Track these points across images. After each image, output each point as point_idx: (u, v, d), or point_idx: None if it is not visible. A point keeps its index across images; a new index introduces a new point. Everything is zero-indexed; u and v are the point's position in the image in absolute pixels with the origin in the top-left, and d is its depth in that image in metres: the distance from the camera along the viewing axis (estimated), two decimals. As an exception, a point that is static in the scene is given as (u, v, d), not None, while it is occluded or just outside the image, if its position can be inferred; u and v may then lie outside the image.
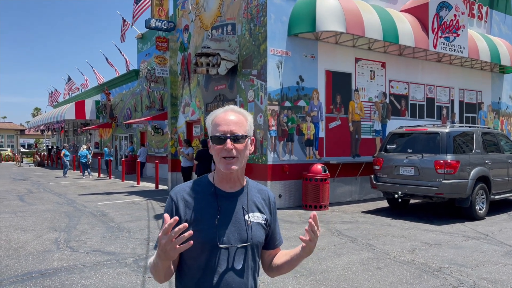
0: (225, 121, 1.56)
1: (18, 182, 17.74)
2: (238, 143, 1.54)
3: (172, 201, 1.61)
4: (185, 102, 14.22)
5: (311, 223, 1.54)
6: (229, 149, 1.52)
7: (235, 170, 1.56)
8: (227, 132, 1.54)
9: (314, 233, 1.55)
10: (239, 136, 1.54)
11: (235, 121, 1.56)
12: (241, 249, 1.58)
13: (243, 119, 1.59)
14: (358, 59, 11.72)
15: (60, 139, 37.41)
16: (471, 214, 8.56)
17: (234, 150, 1.53)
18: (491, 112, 15.67)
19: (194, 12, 13.43)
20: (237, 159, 1.55)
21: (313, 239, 1.57)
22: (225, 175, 1.60)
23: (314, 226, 1.54)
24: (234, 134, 1.54)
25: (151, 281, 4.80)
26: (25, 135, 67.24)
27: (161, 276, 1.54)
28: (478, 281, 4.84)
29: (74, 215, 9.22)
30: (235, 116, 1.58)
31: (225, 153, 1.53)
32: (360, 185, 11.63)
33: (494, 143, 9.70)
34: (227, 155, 1.53)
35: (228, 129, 1.54)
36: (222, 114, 1.59)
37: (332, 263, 5.50)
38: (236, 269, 1.56)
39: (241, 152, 1.55)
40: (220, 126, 1.55)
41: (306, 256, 1.65)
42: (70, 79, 34.74)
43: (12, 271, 5.20)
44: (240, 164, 1.57)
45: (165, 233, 1.35)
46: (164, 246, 1.36)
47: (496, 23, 15.82)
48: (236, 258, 1.56)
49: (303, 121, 10.65)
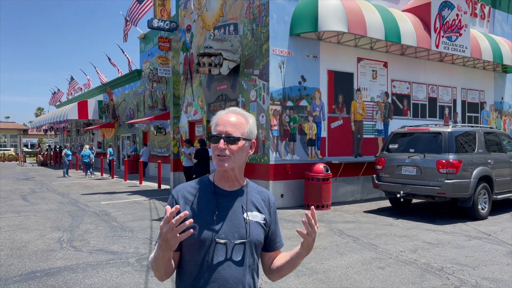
0: (223, 121, 1.62)
1: (21, 181, 17.81)
2: (232, 144, 1.59)
3: (173, 198, 1.67)
4: (187, 102, 14.25)
5: (308, 215, 1.57)
6: (221, 148, 1.58)
7: (227, 168, 1.61)
8: (223, 133, 1.60)
9: (312, 227, 1.58)
10: (234, 138, 1.59)
11: (233, 122, 1.62)
12: (239, 245, 1.60)
13: (243, 122, 1.64)
14: (360, 59, 11.72)
15: (63, 138, 37.51)
16: (473, 213, 8.56)
17: (227, 150, 1.59)
18: (493, 111, 15.64)
19: (196, 12, 13.46)
20: (229, 159, 1.60)
21: (310, 234, 1.59)
22: (223, 173, 1.66)
23: (311, 219, 1.57)
24: (228, 135, 1.59)
25: (154, 280, 4.82)
26: (28, 135, 67.45)
27: (161, 270, 1.57)
28: (480, 280, 4.85)
29: (77, 214, 9.26)
30: (235, 118, 1.63)
31: (218, 152, 1.60)
32: (362, 184, 11.63)
33: (496, 143, 9.69)
34: (220, 154, 1.60)
35: (224, 130, 1.60)
36: (224, 115, 1.65)
37: (334, 263, 5.51)
38: (234, 265, 1.58)
39: (234, 153, 1.60)
40: (218, 126, 1.62)
41: (306, 254, 1.67)
42: (73, 79, 34.83)
43: (16, 270, 5.23)
44: (232, 164, 1.61)
45: (166, 222, 1.41)
46: (165, 235, 1.42)
47: (499, 22, 15.79)
48: (233, 255, 1.59)
49: (305, 120, 10.66)
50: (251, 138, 1.66)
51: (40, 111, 75.80)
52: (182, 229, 1.40)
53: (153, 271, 1.61)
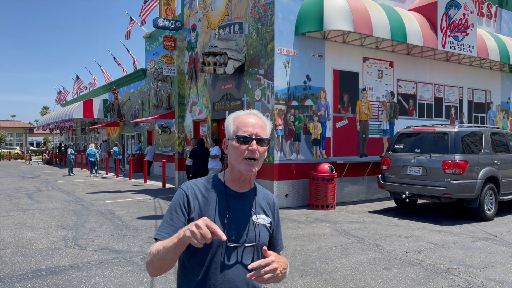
0: (251, 123, 1.60)
1: (27, 180, 17.91)
2: (261, 146, 1.58)
3: (183, 193, 1.62)
4: (192, 101, 14.26)
5: (254, 266, 1.43)
6: (254, 149, 1.56)
7: (254, 172, 1.61)
8: (253, 134, 1.58)
9: (265, 273, 1.43)
10: (264, 139, 1.59)
11: (260, 125, 1.62)
12: (249, 248, 1.60)
13: (264, 124, 1.64)
14: (365, 58, 11.67)
15: (68, 137, 37.70)
16: (479, 214, 8.49)
17: (257, 152, 1.57)
18: (500, 112, 15.52)
19: (201, 11, 13.46)
20: (258, 162, 1.59)
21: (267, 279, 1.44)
22: (240, 175, 1.63)
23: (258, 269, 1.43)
24: (259, 136, 1.58)
25: (159, 280, 4.82)
26: (34, 134, 67.89)
27: (163, 266, 1.49)
28: (487, 282, 4.80)
29: (82, 213, 9.29)
30: (259, 120, 1.63)
31: (249, 154, 1.57)
32: (367, 185, 11.58)
33: (503, 143, 9.62)
34: (251, 156, 1.57)
35: (254, 131, 1.58)
36: (247, 116, 1.63)
37: (339, 263, 5.49)
38: (242, 268, 1.57)
39: (262, 155, 1.60)
40: (246, 127, 1.59)
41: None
42: (78, 78, 34.96)
43: (21, 268, 5.25)
44: (258, 167, 1.61)
45: (209, 229, 1.34)
46: (196, 234, 1.33)
47: (506, 22, 15.67)
48: (243, 257, 1.58)
49: (310, 120, 10.63)
50: (269, 140, 1.66)
51: (45, 110, 76.18)
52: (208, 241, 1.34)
53: (150, 266, 1.52)
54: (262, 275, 1.42)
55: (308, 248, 6.25)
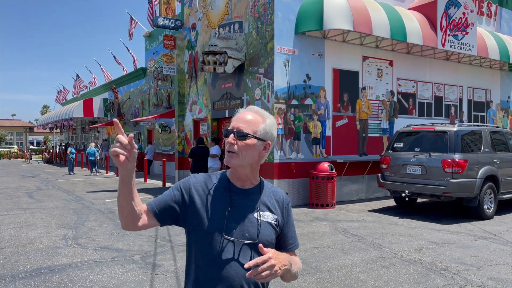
0: (238, 118, 1.63)
1: (27, 179, 17.92)
2: (241, 140, 1.58)
3: (189, 184, 1.66)
4: (192, 100, 14.27)
5: (250, 265, 1.43)
6: (230, 142, 1.59)
7: (234, 165, 1.62)
8: (234, 128, 1.60)
9: (262, 271, 1.43)
10: (243, 133, 1.58)
11: (247, 119, 1.61)
12: (247, 246, 1.59)
13: (259, 120, 1.63)
14: (365, 57, 11.67)
15: (69, 136, 37.70)
16: (479, 213, 8.51)
17: (235, 146, 1.58)
18: (500, 110, 15.53)
19: (201, 10, 13.46)
20: (237, 156, 1.59)
21: (265, 277, 1.44)
22: (234, 171, 1.66)
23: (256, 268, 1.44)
24: (239, 130, 1.59)
25: (159, 278, 4.84)
26: (34, 133, 67.89)
27: (124, 212, 1.52)
28: (486, 280, 4.82)
29: (82, 212, 9.31)
30: (251, 116, 1.63)
31: (227, 147, 1.61)
32: (367, 183, 11.60)
33: (502, 142, 9.62)
34: (228, 149, 1.61)
35: (236, 125, 1.60)
36: (241, 112, 1.66)
37: (339, 262, 5.51)
38: (241, 264, 1.55)
39: (242, 149, 1.59)
40: (232, 122, 1.63)
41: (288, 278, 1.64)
42: (78, 77, 34.96)
43: (22, 267, 5.27)
44: (240, 161, 1.60)
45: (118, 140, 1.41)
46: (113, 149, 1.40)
47: (506, 21, 15.67)
48: (241, 253, 1.57)
49: (310, 119, 10.64)
50: (265, 138, 1.63)
51: (46, 109, 76.21)
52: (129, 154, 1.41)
53: (119, 217, 1.57)
54: (260, 272, 1.42)
55: (307, 246, 6.27)
